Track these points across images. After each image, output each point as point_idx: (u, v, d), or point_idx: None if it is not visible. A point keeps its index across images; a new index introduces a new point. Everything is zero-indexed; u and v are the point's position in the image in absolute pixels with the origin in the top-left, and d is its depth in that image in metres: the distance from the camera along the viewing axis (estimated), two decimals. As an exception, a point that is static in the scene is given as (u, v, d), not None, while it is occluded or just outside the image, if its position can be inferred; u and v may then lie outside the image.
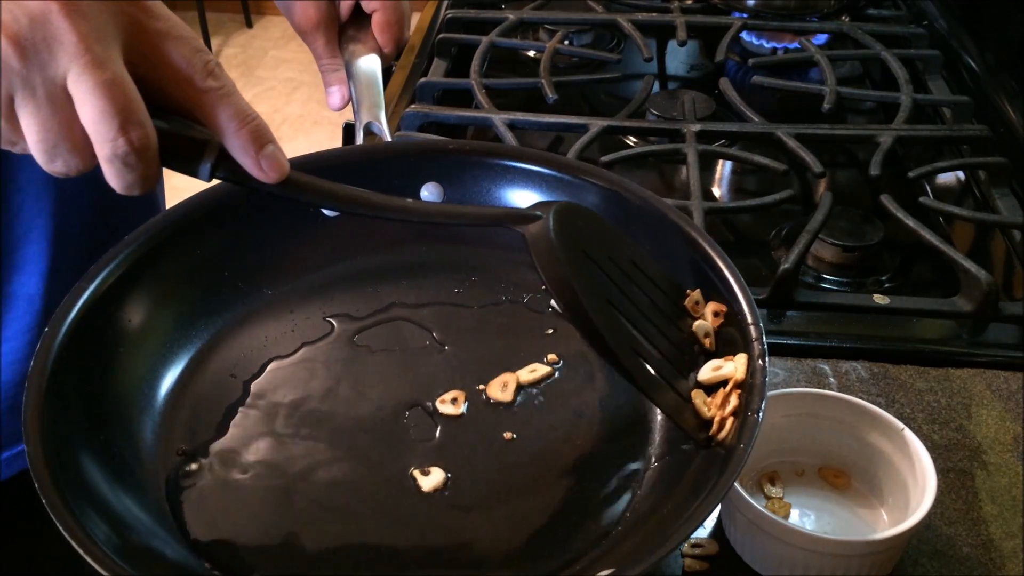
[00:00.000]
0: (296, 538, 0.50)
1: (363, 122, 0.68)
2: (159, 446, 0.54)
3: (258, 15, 3.65)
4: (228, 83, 0.44)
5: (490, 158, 0.66)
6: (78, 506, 0.44)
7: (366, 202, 0.51)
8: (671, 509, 0.49)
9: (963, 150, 0.96)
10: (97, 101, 0.40)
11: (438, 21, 1.14)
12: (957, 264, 0.74)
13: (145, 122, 0.41)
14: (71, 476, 0.46)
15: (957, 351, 0.73)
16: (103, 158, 0.41)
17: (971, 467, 0.63)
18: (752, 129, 0.92)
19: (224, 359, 0.59)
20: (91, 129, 0.40)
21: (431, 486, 0.53)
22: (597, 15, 1.14)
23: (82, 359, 0.52)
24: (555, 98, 0.96)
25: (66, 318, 0.52)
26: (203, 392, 0.57)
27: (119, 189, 0.42)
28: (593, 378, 0.59)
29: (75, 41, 0.39)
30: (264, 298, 0.63)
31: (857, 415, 0.60)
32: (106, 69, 0.39)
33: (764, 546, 0.56)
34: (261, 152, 0.44)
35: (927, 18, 1.15)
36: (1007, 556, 0.58)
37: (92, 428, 0.51)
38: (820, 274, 0.81)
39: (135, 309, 0.57)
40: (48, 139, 0.40)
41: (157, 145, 0.42)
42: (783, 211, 0.86)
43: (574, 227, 0.52)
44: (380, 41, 0.70)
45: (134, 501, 0.49)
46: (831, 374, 0.70)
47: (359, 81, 0.69)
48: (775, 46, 1.12)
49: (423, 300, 0.64)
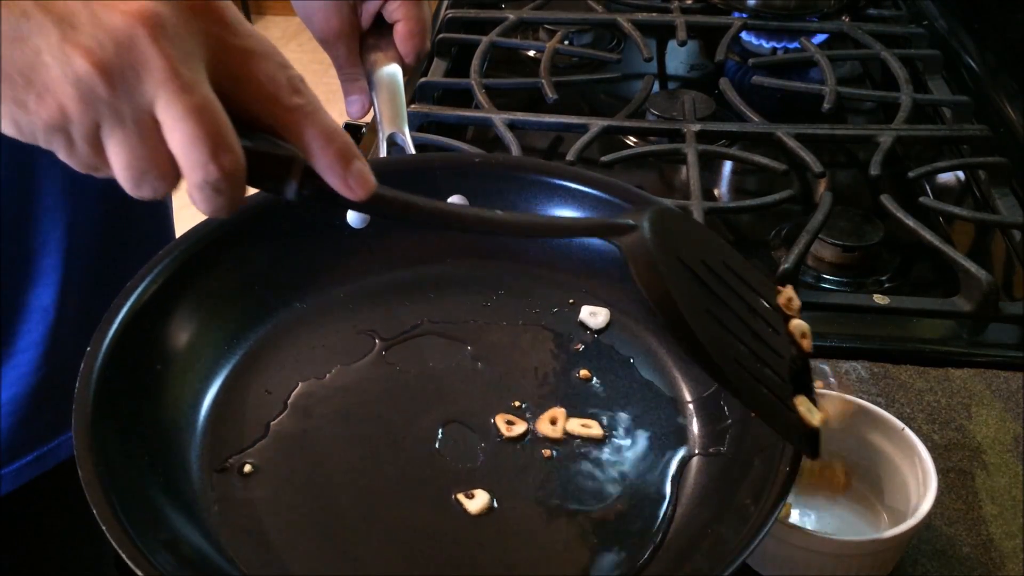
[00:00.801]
0: (342, 558, 0.50)
1: (386, 133, 0.68)
2: (202, 465, 0.53)
3: (258, 15, 3.65)
4: (313, 100, 0.42)
5: (516, 172, 0.66)
6: (143, 538, 0.44)
7: (456, 216, 0.50)
8: (725, 527, 0.49)
9: (963, 150, 0.96)
10: (187, 127, 0.38)
11: (438, 21, 1.14)
12: (957, 264, 0.74)
13: (235, 146, 0.40)
14: (130, 503, 0.46)
15: (957, 351, 0.73)
16: (193, 184, 0.40)
17: (971, 467, 0.63)
18: (752, 129, 0.92)
19: (259, 375, 0.59)
20: (181, 155, 0.39)
21: (477, 509, 0.52)
22: (597, 15, 1.14)
23: (125, 378, 0.52)
24: (555, 98, 0.96)
25: (106, 336, 0.52)
26: (241, 409, 0.57)
27: (207, 213, 0.41)
28: (628, 394, 0.59)
29: (163, 67, 0.37)
30: (295, 312, 0.62)
31: (857, 415, 0.60)
32: (195, 93, 0.38)
33: (764, 546, 0.56)
34: (348, 169, 0.43)
35: (927, 18, 1.15)
36: (1007, 556, 0.58)
37: (142, 449, 0.50)
38: (820, 274, 0.81)
39: (176, 327, 0.57)
40: (137, 167, 0.39)
41: (246, 168, 0.40)
42: (783, 211, 0.86)
43: (669, 234, 0.50)
44: (402, 51, 0.69)
45: (187, 522, 0.49)
46: (831, 374, 0.70)
47: (381, 92, 0.69)
48: (775, 46, 1.12)
49: (452, 315, 0.64)
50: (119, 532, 0.43)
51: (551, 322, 0.63)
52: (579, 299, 0.64)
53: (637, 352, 0.62)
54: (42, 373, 0.69)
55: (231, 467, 0.54)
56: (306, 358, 0.60)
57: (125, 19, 0.37)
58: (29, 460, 0.71)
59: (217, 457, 0.54)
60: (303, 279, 0.63)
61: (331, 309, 0.63)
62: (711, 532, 0.50)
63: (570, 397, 0.59)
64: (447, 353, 0.61)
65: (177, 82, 0.38)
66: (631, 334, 0.63)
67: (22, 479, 0.71)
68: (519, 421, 0.57)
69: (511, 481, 0.54)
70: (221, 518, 0.51)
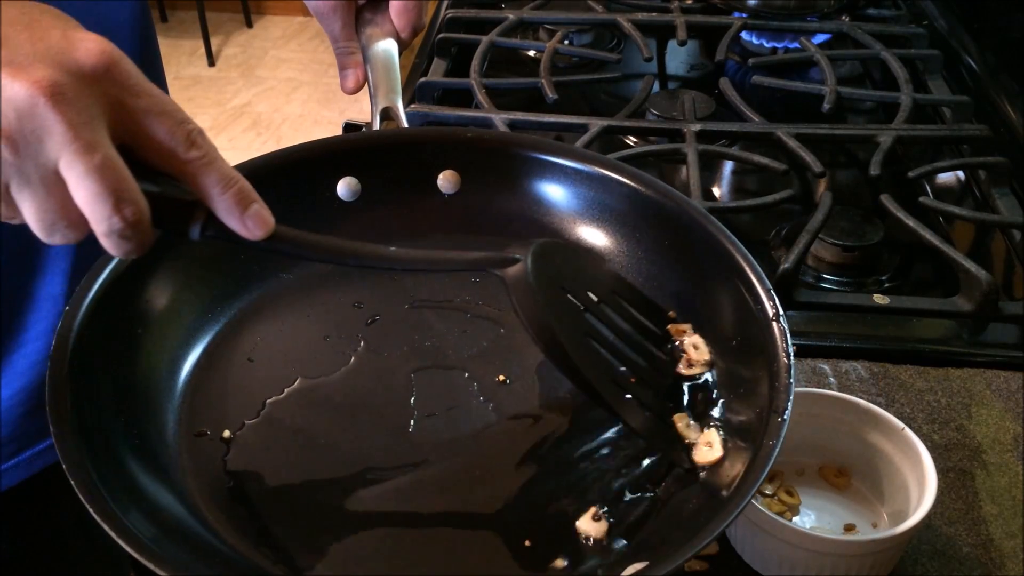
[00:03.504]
0: (325, 521, 0.51)
1: (380, 107, 0.68)
2: (180, 429, 0.54)
3: (258, 15, 3.65)
4: (210, 150, 0.46)
5: (509, 148, 0.66)
6: (113, 495, 0.44)
7: (350, 252, 0.53)
8: (698, 506, 0.49)
9: (963, 150, 0.96)
10: (90, 184, 0.41)
11: (438, 21, 1.14)
12: (957, 264, 0.74)
13: (137, 199, 0.43)
14: (103, 462, 0.47)
15: (957, 351, 0.73)
16: (100, 234, 0.43)
17: (971, 467, 0.63)
18: (752, 129, 0.92)
19: (241, 343, 0.59)
20: (86, 210, 0.42)
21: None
22: (597, 15, 1.14)
23: (104, 339, 0.53)
24: (555, 98, 0.96)
25: (85, 297, 0.53)
26: (222, 376, 0.57)
27: (117, 256, 0.45)
28: None
29: (63, 130, 0.41)
30: (281, 282, 0.63)
31: (857, 415, 0.60)
32: (95, 153, 0.41)
33: (764, 546, 0.56)
34: (246, 212, 0.47)
35: (927, 18, 1.15)
36: (1007, 556, 0.58)
37: (118, 411, 0.51)
38: (820, 274, 0.81)
39: (157, 291, 0.57)
40: (46, 219, 0.43)
41: (150, 217, 0.44)
42: (783, 211, 0.86)
43: (552, 265, 0.54)
44: (397, 25, 0.70)
45: (161, 485, 0.50)
46: (831, 374, 0.70)
47: (376, 66, 0.69)
48: (775, 46, 1.12)
49: (439, 290, 0.64)
50: (88, 488, 0.44)
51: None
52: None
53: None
54: None
55: (209, 433, 0.54)
56: (290, 329, 0.61)
57: (27, 89, 0.40)
58: (40, 449, 0.72)
59: (196, 422, 0.55)
60: None
61: (317, 280, 0.63)
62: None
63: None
64: (435, 327, 0.62)
65: (78, 143, 0.41)
66: None
67: (33, 468, 0.72)
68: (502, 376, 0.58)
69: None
70: (197, 481, 0.52)
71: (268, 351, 0.59)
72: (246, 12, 3.57)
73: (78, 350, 0.50)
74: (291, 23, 3.61)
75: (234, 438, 0.54)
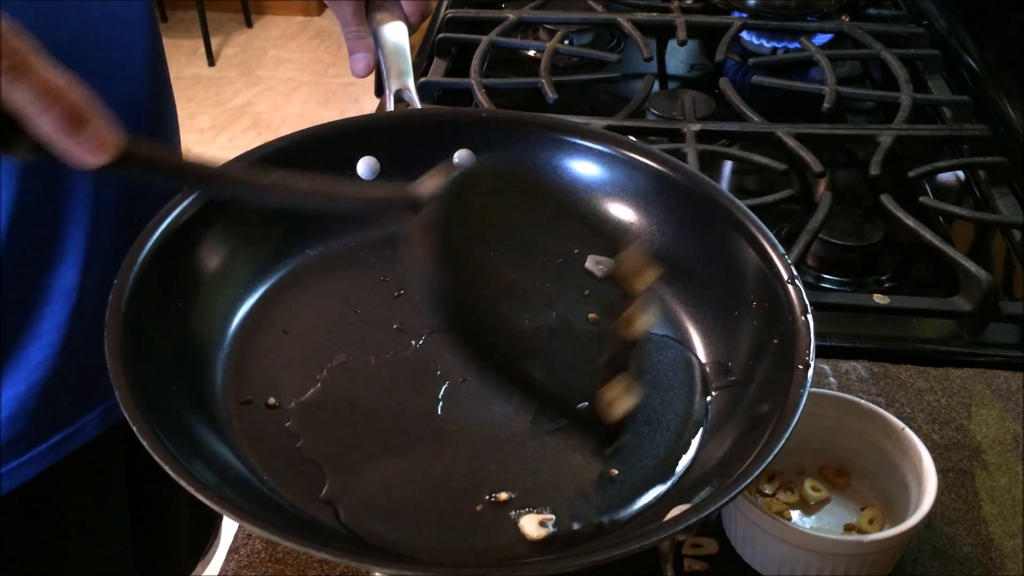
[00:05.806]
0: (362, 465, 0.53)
1: (392, 89, 0.69)
2: (227, 395, 0.55)
3: (258, 15, 3.65)
4: (23, 59, 0.39)
5: (524, 127, 0.67)
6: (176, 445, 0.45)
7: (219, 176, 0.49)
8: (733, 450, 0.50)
9: (963, 150, 0.96)
10: None
11: (438, 20, 1.14)
12: (957, 264, 0.74)
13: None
14: (163, 414, 0.47)
15: (957, 351, 0.73)
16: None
17: (971, 467, 0.63)
18: (752, 129, 0.92)
19: (277, 316, 0.61)
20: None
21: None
22: (597, 15, 1.14)
23: (157, 297, 0.54)
24: (555, 98, 0.96)
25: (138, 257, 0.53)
26: (263, 346, 0.59)
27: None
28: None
29: None
30: (307, 259, 0.64)
31: (857, 415, 0.60)
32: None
33: (764, 546, 0.56)
34: (77, 137, 0.41)
35: (927, 18, 1.15)
36: (1007, 556, 0.58)
37: (175, 370, 0.53)
38: (820, 274, 0.81)
39: (209, 252, 0.59)
40: None
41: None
42: (783, 211, 0.86)
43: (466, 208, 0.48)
44: (406, 9, 0.71)
45: (217, 440, 0.51)
46: (831, 374, 0.70)
47: (387, 49, 0.70)
48: (775, 46, 1.12)
49: None
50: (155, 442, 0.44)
51: (557, 270, 0.64)
52: (583, 250, 0.65)
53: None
54: (65, 355, 0.69)
55: (254, 400, 0.55)
56: (321, 303, 0.62)
57: None
58: (55, 442, 0.71)
59: (241, 391, 0.56)
60: (317, 227, 0.65)
61: (344, 255, 0.65)
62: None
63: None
64: None
65: None
66: None
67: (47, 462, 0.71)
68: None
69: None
70: (250, 444, 0.53)
71: (302, 324, 0.61)
72: (246, 12, 3.57)
73: (132, 306, 0.51)
74: (291, 23, 3.61)
75: (279, 405, 0.56)
